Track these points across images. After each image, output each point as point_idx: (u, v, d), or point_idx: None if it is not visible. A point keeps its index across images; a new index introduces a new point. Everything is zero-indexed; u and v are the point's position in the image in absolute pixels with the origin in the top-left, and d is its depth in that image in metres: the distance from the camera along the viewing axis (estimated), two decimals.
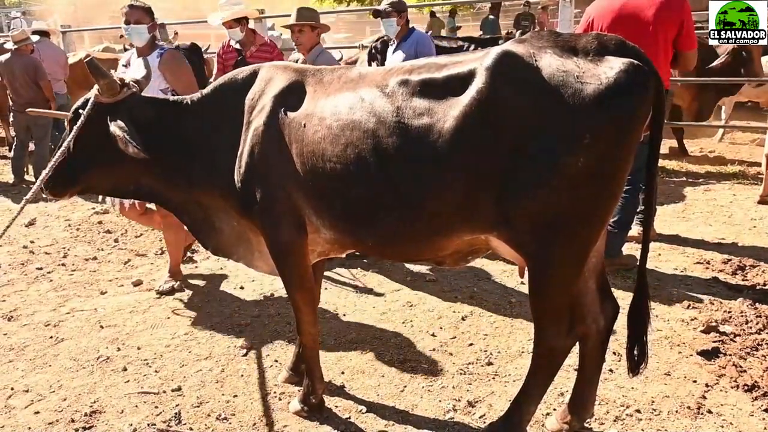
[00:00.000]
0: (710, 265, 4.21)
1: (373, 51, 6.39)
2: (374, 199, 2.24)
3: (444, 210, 2.15)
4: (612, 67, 1.94)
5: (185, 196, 2.75)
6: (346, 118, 2.24)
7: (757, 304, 3.52)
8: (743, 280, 3.97)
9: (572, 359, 2.57)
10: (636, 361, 2.33)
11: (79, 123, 2.56)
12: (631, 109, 1.96)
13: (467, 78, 2.08)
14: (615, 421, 2.56)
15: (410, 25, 4.90)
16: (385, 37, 6.18)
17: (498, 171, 2.03)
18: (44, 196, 2.76)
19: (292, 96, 2.42)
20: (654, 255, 4.45)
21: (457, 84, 2.09)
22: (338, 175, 2.25)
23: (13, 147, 7.55)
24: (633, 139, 2.02)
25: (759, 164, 6.54)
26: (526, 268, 2.21)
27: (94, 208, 6.13)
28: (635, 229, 4.56)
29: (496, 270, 4.24)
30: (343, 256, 2.77)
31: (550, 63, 1.98)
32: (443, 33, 15.20)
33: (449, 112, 2.07)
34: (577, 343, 2.41)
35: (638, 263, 2.31)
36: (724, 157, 7.39)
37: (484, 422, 2.58)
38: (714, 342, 3.12)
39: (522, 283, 4.02)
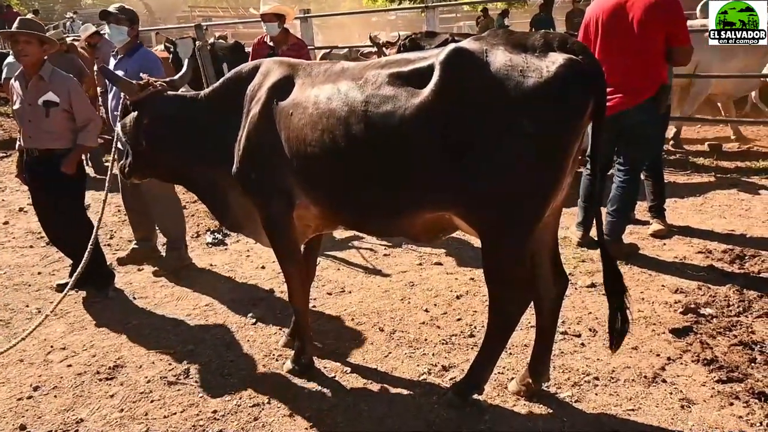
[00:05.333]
0: (710, 255, 4.28)
1: (401, 49, 6.60)
2: (348, 178, 2.54)
3: (406, 189, 2.42)
4: (554, 61, 2.16)
5: (204, 179, 3.10)
6: (324, 107, 2.54)
7: (744, 290, 3.61)
8: (739, 268, 4.03)
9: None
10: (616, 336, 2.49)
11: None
12: (569, 99, 2.18)
13: (427, 71, 2.34)
14: (573, 386, 2.77)
15: (139, 40, 4.55)
16: (414, 35, 6.39)
17: (450, 154, 2.29)
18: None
19: (283, 88, 2.74)
20: (659, 244, 4.55)
21: (418, 77, 2.36)
22: (318, 157, 2.56)
23: None
24: (571, 127, 2.24)
25: None
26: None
27: None
28: (654, 223, 4.70)
29: None
30: (335, 233, 3.07)
31: (499, 58, 2.23)
32: None
33: (411, 101, 2.34)
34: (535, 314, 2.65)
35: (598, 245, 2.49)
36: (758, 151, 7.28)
37: None
38: (688, 322, 3.26)
39: None
